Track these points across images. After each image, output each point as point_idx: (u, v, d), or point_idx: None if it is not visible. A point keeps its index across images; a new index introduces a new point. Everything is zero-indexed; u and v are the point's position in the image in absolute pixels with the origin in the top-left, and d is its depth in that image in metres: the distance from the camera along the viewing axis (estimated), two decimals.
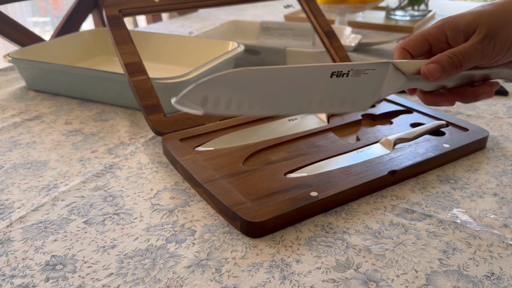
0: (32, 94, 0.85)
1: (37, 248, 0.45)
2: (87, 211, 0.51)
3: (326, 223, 0.48)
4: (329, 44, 0.85)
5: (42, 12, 2.69)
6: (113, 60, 1.00)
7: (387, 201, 0.52)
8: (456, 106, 0.79)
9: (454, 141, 0.61)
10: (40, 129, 0.71)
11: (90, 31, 1.04)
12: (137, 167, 0.60)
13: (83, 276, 0.41)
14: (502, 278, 0.41)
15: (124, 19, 0.69)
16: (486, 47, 0.41)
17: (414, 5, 1.42)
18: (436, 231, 0.47)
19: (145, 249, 0.45)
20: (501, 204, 0.51)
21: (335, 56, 0.84)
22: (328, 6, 1.23)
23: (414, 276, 0.41)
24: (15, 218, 0.49)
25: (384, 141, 0.60)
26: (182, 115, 0.66)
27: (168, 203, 0.52)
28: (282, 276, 0.41)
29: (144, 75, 0.66)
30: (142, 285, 0.40)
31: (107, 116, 0.76)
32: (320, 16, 0.87)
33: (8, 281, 0.41)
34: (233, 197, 0.49)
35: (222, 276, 0.41)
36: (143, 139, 0.68)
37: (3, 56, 0.84)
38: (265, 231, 0.46)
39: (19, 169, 0.60)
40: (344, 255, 0.44)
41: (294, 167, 0.55)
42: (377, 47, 1.18)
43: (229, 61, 0.86)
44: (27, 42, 1.36)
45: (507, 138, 0.67)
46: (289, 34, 1.14)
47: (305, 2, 0.87)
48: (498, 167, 0.59)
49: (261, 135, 0.63)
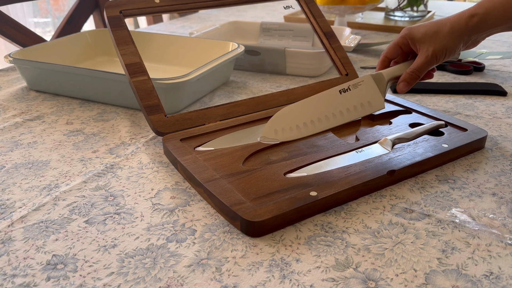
0: (33, 95, 0.86)
1: (38, 248, 0.45)
2: (88, 211, 0.51)
3: (326, 222, 0.49)
4: (328, 45, 0.85)
5: (43, 13, 2.70)
6: (114, 60, 1.00)
7: (386, 201, 0.52)
8: (455, 106, 0.79)
9: (453, 141, 0.61)
10: (41, 129, 0.72)
11: (91, 32, 1.04)
12: (138, 167, 0.60)
13: (84, 275, 0.42)
14: (501, 277, 0.41)
15: (125, 20, 0.70)
16: (433, 61, 0.58)
17: (413, 6, 1.43)
18: (435, 231, 0.47)
19: (146, 248, 0.45)
20: (499, 203, 0.52)
21: (334, 57, 0.84)
22: (328, 7, 1.23)
23: (413, 275, 0.41)
24: (17, 218, 0.50)
25: (383, 141, 0.60)
26: (182, 115, 0.66)
27: (169, 203, 0.52)
28: (282, 275, 0.42)
29: (145, 75, 0.66)
30: (142, 284, 0.41)
31: (108, 116, 0.76)
32: (319, 17, 0.87)
33: (10, 280, 0.41)
34: (233, 197, 0.49)
35: (222, 275, 0.42)
36: (144, 139, 0.68)
37: (4, 56, 0.84)
38: (265, 230, 0.47)
39: (20, 169, 0.60)
40: (343, 254, 0.44)
41: (293, 167, 0.55)
42: (376, 47, 1.18)
43: (229, 62, 0.86)
44: (28, 42, 1.36)
45: (506, 138, 0.67)
46: (289, 35, 1.15)
47: (305, 3, 0.88)
48: (497, 167, 0.59)
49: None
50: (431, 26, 0.58)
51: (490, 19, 0.54)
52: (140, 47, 0.72)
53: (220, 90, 0.89)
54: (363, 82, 0.58)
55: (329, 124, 0.55)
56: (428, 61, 0.57)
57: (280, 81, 0.94)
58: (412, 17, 1.44)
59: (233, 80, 0.95)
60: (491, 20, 0.55)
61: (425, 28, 0.58)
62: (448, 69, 0.99)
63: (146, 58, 0.83)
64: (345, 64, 0.84)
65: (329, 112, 0.55)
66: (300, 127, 0.54)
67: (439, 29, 0.57)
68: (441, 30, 0.56)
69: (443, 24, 0.57)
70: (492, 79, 0.93)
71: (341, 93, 0.56)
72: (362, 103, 0.57)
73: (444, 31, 0.56)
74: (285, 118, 0.54)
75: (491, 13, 0.54)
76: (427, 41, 0.57)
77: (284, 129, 0.53)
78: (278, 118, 0.53)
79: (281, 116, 0.54)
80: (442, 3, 1.87)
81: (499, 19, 0.54)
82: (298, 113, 0.54)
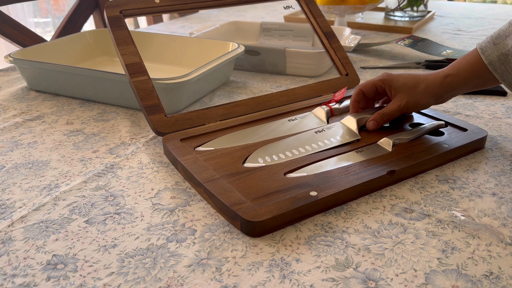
0: (33, 95, 0.86)
1: (38, 248, 0.45)
2: (88, 211, 0.51)
3: (326, 222, 0.49)
4: (328, 45, 0.85)
5: (43, 13, 2.69)
6: (114, 60, 1.00)
7: (386, 201, 0.52)
8: (455, 106, 0.79)
9: (453, 141, 0.61)
10: (41, 129, 0.72)
11: (91, 32, 1.04)
12: (138, 167, 0.60)
13: (84, 275, 0.42)
14: (501, 277, 0.41)
15: (125, 20, 0.70)
16: (404, 110, 0.64)
17: (413, 6, 1.43)
18: (435, 231, 0.47)
19: (146, 248, 0.45)
20: (499, 203, 0.52)
21: (334, 57, 0.84)
22: (328, 7, 1.23)
23: (413, 275, 0.41)
24: (17, 218, 0.50)
25: (383, 141, 0.60)
26: (182, 115, 0.66)
27: (169, 203, 0.52)
28: (282, 275, 0.42)
29: (145, 75, 0.66)
30: (143, 284, 0.41)
31: (108, 116, 0.76)
32: (319, 17, 0.87)
33: (10, 280, 0.41)
34: (233, 197, 0.49)
35: (222, 275, 0.42)
36: (144, 139, 0.68)
37: (5, 56, 0.84)
38: (265, 230, 0.47)
39: (20, 169, 0.60)
40: (343, 254, 0.44)
41: (293, 167, 0.55)
42: (376, 47, 1.18)
43: (229, 62, 0.86)
44: (29, 42, 1.36)
45: (506, 138, 0.67)
46: (289, 35, 1.15)
47: (305, 3, 0.88)
48: (497, 167, 0.59)
49: (261, 135, 0.63)
50: (409, 79, 0.63)
51: (462, 78, 0.60)
52: (140, 47, 0.72)
53: (220, 90, 0.89)
54: (335, 124, 0.65)
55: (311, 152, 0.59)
56: (399, 110, 0.63)
57: (280, 81, 0.94)
58: (412, 17, 1.44)
59: (233, 80, 0.95)
60: (463, 79, 0.61)
61: (405, 79, 0.63)
62: None
63: (146, 58, 0.83)
64: (345, 64, 0.84)
65: (309, 144, 0.60)
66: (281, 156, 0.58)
67: (417, 85, 0.62)
68: (418, 86, 0.62)
69: (421, 80, 0.62)
70: None
71: (316, 133, 0.63)
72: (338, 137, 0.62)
73: (420, 88, 0.62)
74: (267, 148, 0.59)
75: (462, 73, 0.60)
76: (403, 92, 0.63)
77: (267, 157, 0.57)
78: (260, 150, 0.59)
79: (264, 148, 0.59)
80: (442, 3, 1.87)
81: (469, 77, 0.60)
82: (277, 145, 0.60)
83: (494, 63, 0.57)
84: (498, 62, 0.57)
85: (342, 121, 0.65)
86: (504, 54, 0.56)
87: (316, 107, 0.70)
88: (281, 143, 0.61)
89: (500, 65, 0.57)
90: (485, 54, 0.58)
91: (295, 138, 0.62)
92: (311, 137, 0.62)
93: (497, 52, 0.57)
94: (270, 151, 0.59)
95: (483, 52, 0.58)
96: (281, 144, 0.61)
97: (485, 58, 0.58)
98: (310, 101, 0.75)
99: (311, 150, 0.59)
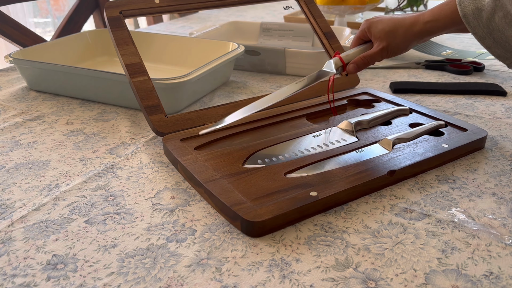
0: (33, 95, 0.86)
1: (38, 248, 0.45)
2: (88, 211, 0.51)
3: (326, 222, 0.49)
4: (328, 45, 0.85)
5: (43, 13, 2.70)
6: (114, 60, 1.00)
7: (386, 201, 0.52)
8: (455, 106, 0.79)
9: (453, 141, 0.61)
10: (41, 129, 0.72)
11: (91, 32, 1.04)
12: (138, 167, 0.60)
13: (84, 275, 0.42)
14: (501, 277, 0.41)
15: (125, 20, 0.70)
16: (384, 54, 0.66)
17: (413, 6, 1.43)
18: (434, 231, 0.47)
19: (146, 248, 0.45)
20: (499, 204, 0.52)
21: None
22: (328, 7, 1.23)
23: (413, 275, 0.41)
24: (17, 218, 0.50)
25: (383, 141, 0.60)
26: (182, 115, 0.66)
27: (169, 203, 0.52)
28: (282, 275, 0.42)
29: (145, 75, 0.66)
30: (143, 284, 0.41)
31: (108, 117, 0.76)
32: (319, 17, 0.87)
33: (10, 280, 0.41)
34: (233, 197, 0.49)
35: (222, 275, 0.42)
36: (144, 139, 0.68)
37: (5, 56, 0.84)
38: (265, 230, 0.47)
39: (20, 169, 0.60)
40: (343, 254, 0.44)
41: (294, 167, 0.55)
42: None
43: (229, 62, 0.86)
44: (28, 42, 1.36)
45: (506, 138, 0.67)
46: (289, 35, 1.15)
47: (305, 3, 0.88)
48: (497, 167, 0.59)
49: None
50: (388, 23, 0.65)
51: (441, 25, 0.63)
52: (140, 47, 0.72)
53: (220, 90, 0.89)
54: (332, 129, 0.65)
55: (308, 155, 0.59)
56: (379, 54, 0.66)
57: (280, 81, 0.94)
58: None
59: (233, 80, 0.95)
60: (442, 26, 0.63)
61: (383, 25, 0.66)
62: (448, 69, 0.99)
63: (146, 58, 0.83)
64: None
65: (307, 147, 0.61)
66: (280, 158, 0.58)
67: (395, 29, 0.65)
68: (397, 30, 0.65)
69: (400, 25, 0.65)
70: (492, 79, 0.93)
71: (314, 137, 0.63)
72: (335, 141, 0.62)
73: (399, 32, 0.64)
74: (266, 151, 0.60)
75: (441, 20, 0.63)
76: (382, 37, 0.66)
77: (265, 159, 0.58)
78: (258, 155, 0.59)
79: (263, 151, 0.60)
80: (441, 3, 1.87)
81: (448, 24, 0.63)
82: (276, 148, 0.60)
83: (468, 16, 0.59)
84: (472, 15, 0.58)
85: (338, 126, 0.65)
86: (478, 8, 0.57)
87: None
88: (280, 146, 0.61)
89: (473, 19, 0.58)
90: (461, 6, 0.59)
91: (294, 142, 0.62)
92: (309, 141, 0.62)
93: (472, 6, 0.58)
94: (269, 154, 0.59)
95: (460, 4, 0.59)
96: (280, 147, 0.61)
97: (461, 10, 0.59)
98: (310, 101, 0.75)
99: (310, 153, 0.59)
